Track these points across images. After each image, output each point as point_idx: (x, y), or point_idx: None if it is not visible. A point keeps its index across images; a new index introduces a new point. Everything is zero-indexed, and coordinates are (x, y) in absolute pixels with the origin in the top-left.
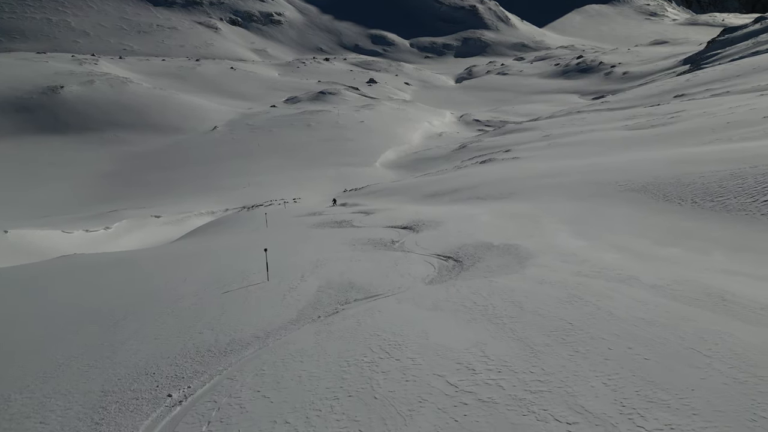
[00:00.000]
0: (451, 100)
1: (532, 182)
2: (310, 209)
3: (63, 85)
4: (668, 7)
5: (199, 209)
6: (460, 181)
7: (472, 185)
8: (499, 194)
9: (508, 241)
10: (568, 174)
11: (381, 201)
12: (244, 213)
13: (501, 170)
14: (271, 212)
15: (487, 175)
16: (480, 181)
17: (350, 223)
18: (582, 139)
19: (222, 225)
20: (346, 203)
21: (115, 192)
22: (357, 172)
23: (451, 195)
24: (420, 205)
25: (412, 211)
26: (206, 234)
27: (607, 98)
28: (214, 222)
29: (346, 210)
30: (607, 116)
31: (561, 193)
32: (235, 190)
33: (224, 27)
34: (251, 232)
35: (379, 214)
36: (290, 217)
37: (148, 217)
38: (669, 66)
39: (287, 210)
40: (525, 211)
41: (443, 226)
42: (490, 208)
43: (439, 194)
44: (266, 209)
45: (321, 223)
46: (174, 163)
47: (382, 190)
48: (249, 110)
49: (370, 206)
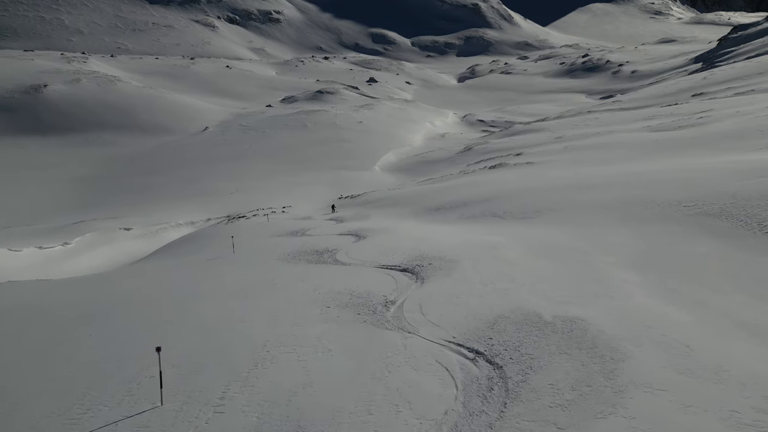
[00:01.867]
0: (453, 99)
1: (561, 196)
2: (294, 225)
3: (47, 84)
4: (673, 5)
5: (177, 219)
6: (469, 191)
7: (484, 197)
8: (521, 212)
9: (565, 308)
10: (606, 186)
11: (378, 215)
12: (221, 227)
13: (516, 178)
14: (248, 229)
15: (500, 184)
16: (494, 191)
17: (334, 255)
18: (602, 141)
19: (187, 245)
20: (337, 218)
21: (93, 198)
22: (354, 177)
23: (461, 210)
24: (423, 221)
25: (414, 235)
26: (161, 258)
27: (617, 98)
28: (185, 238)
29: (335, 229)
30: (622, 116)
31: (605, 215)
32: (222, 197)
33: (222, 25)
34: (205, 266)
35: (373, 240)
36: (267, 237)
37: (116, 230)
38: (679, 64)
39: (269, 224)
40: (565, 242)
41: (458, 269)
42: (514, 233)
43: (445, 208)
44: (245, 222)
45: (298, 252)
46: (160, 166)
47: (380, 199)
48: (243, 110)
49: (363, 224)
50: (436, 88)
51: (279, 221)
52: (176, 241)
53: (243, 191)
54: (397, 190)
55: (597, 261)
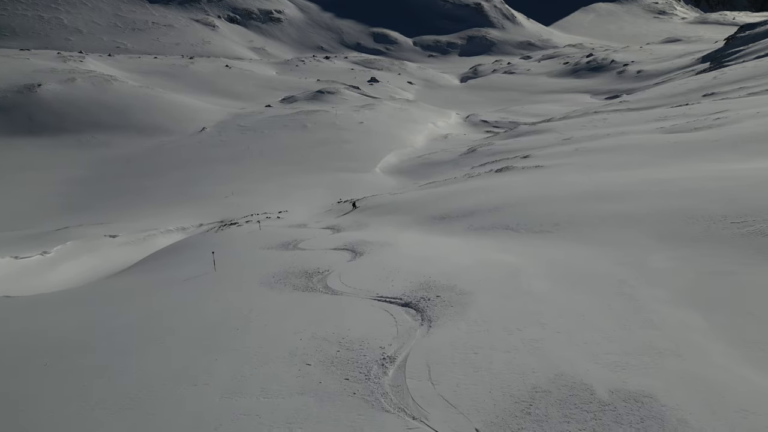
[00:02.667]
0: (456, 99)
1: (580, 206)
2: (286, 236)
3: (41, 83)
4: (677, 5)
5: (167, 225)
6: (476, 197)
7: (493, 205)
8: (537, 224)
9: (623, 375)
10: (631, 196)
11: (377, 223)
12: (210, 236)
13: (526, 184)
14: (237, 239)
15: (510, 190)
16: (503, 199)
17: (324, 278)
18: (614, 143)
19: (170, 256)
20: (333, 226)
21: (83, 201)
22: (354, 179)
23: (468, 220)
24: (427, 232)
25: (417, 252)
26: (136, 273)
27: (624, 98)
28: (170, 249)
29: (330, 241)
30: (631, 117)
31: (637, 231)
32: (216, 200)
33: (222, 25)
34: (177, 288)
35: (371, 258)
36: (255, 249)
37: (101, 238)
38: (686, 64)
39: (260, 233)
40: (599, 269)
41: (473, 305)
42: (532, 252)
43: (450, 217)
44: (236, 231)
45: (284, 273)
46: (154, 168)
47: (381, 205)
48: (242, 110)
49: (361, 235)
50: (439, 88)
51: (272, 229)
52: (161, 251)
53: (239, 194)
54: (398, 195)
55: (643, 295)
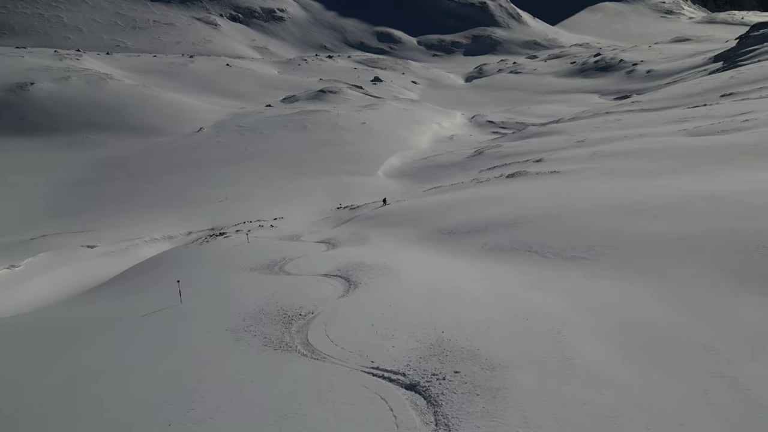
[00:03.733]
0: (461, 99)
1: (615, 224)
2: (274, 252)
3: (33, 82)
4: (684, 5)
5: (154, 233)
6: (488, 208)
7: (510, 219)
8: (566, 247)
9: None
10: (676, 212)
11: (378, 237)
12: (192, 251)
13: (544, 193)
14: (219, 255)
15: (526, 201)
16: (519, 211)
17: (306, 326)
18: (636, 147)
19: (140, 276)
20: (329, 240)
21: (70, 206)
22: (356, 183)
23: (481, 236)
24: (434, 251)
25: (423, 288)
26: (92, 299)
27: (636, 98)
28: (143, 266)
29: (322, 262)
30: (646, 118)
31: (704, 264)
32: (209, 205)
33: (224, 23)
34: (123, 333)
35: (367, 294)
36: (235, 272)
37: (78, 248)
38: (698, 63)
39: (248, 247)
40: (670, 325)
41: (508, 394)
42: (570, 289)
43: (461, 232)
44: (222, 243)
45: (258, 314)
46: (148, 170)
47: (382, 215)
48: (241, 110)
49: (358, 254)
50: (443, 88)
51: (261, 242)
52: (136, 267)
53: (234, 199)
54: (402, 203)
55: (748, 375)
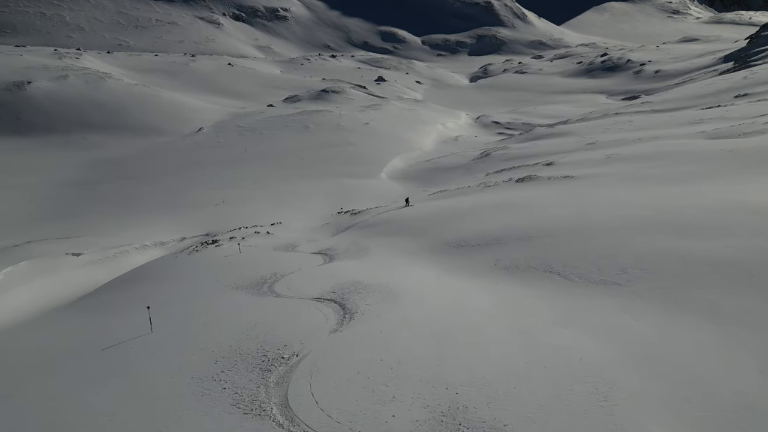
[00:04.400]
0: (465, 100)
1: (648, 243)
2: (265, 267)
3: (30, 81)
4: (691, 5)
5: (145, 239)
6: (499, 217)
7: (524, 231)
8: (594, 268)
9: None
10: (724, 232)
11: (379, 248)
12: (178, 262)
13: (559, 200)
14: (205, 269)
15: (540, 209)
16: (534, 221)
17: (288, 377)
18: (653, 150)
19: (118, 292)
20: (326, 251)
21: (61, 209)
22: (358, 185)
23: (494, 251)
24: (442, 268)
25: (431, 323)
26: (60, 318)
27: (645, 98)
28: (129, 276)
29: (316, 281)
30: (659, 119)
31: (763, 298)
32: (205, 209)
33: (227, 22)
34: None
35: (363, 331)
36: (218, 291)
37: (62, 256)
38: (707, 64)
39: (238, 258)
40: (751, 393)
41: None
42: (611, 331)
43: (469, 245)
44: (211, 253)
45: (234, 355)
46: (144, 171)
47: (385, 222)
48: (242, 110)
49: (357, 271)
50: (448, 88)
51: (254, 253)
52: (117, 280)
53: (232, 202)
54: (406, 208)
55: None
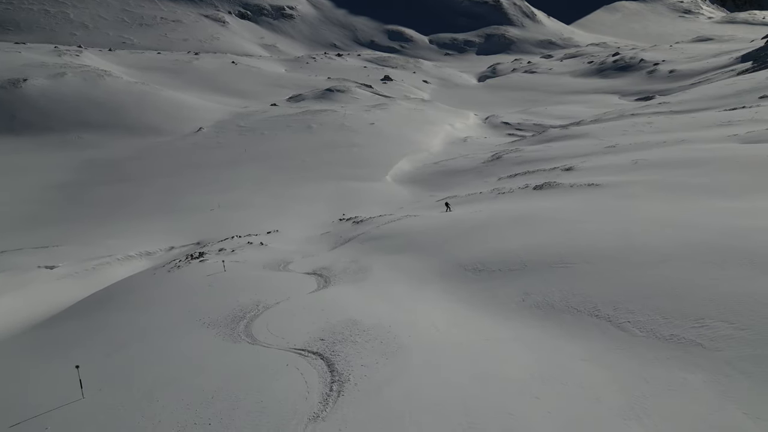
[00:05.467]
0: (474, 99)
1: (727, 279)
2: (253, 289)
3: (26, 78)
4: (703, 4)
5: (129, 249)
6: (522, 235)
7: (555, 254)
8: (661, 319)
9: None
10: None
11: (382, 269)
12: (161, 276)
13: (590, 216)
14: (178, 292)
15: (569, 226)
16: (564, 240)
17: None
18: (682, 156)
19: (79, 319)
20: (322, 271)
21: (51, 213)
22: (362, 189)
23: (520, 280)
24: (456, 299)
25: (452, 415)
26: None
27: (661, 99)
28: (94, 299)
29: (304, 313)
30: (682, 121)
31: None
32: (200, 214)
33: (232, 20)
34: None
35: (357, 412)
36: (190, 325)
37: (34, 269)
38: (724, 63)
39: (221, 278)
40: None
41: None
42: None
43: (488, 270)
44: (193, 270)
45: None
46: (140, 172)
47: (390, 235)
48: (244, 109)
49: (352, 305)
50: (455, 88)
51: (238, 274)
52: (75, 306)
53: (227, 207)
54: (413, 219)
55: None
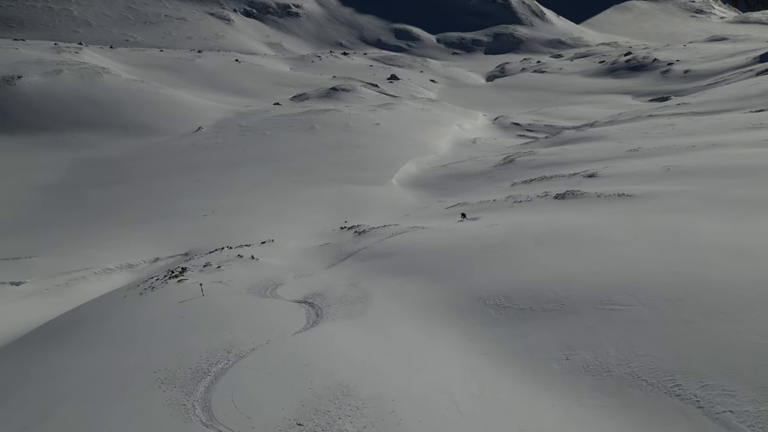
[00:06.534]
0: (482, 99)
1: None
2: (227, 326)
3: (21, 75)
4: (715, 4)
5: (109, 261)
6: (552, 260)
7: (596, 291)
8: None
9: None
10: None
11: (382, 299)
12: (130, 301)
13: (632, 236)
14: (142, 327)
15: (607, 248)
16: (603, 267)
17: None
18: (724, 163)
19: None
20: (314, 299)
21: (34, 217)
22: (366, 193)
23: (557, 328)
24: (476, 352)
25: None
26: None
27: (679, 100)
28: (28, 338)
29: (278, 379)
30: (707, 123)
31: None
32: (192, 221)
33: (237, 19)
34: None
35: None
36: (137, 383)
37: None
38: (742, 63)
39: (194, 308)
40: None
41: None
42: None
43: (515, 307)
44: (168, 294)
45: None
46: (134, 174)
47: (392, 253)
48: (246, 108)
49: (344, 365)
50: (463, 87)
51: (217, 300)
52: (18, 342)
53: (221, 213)
54: (421, 232)
55: None
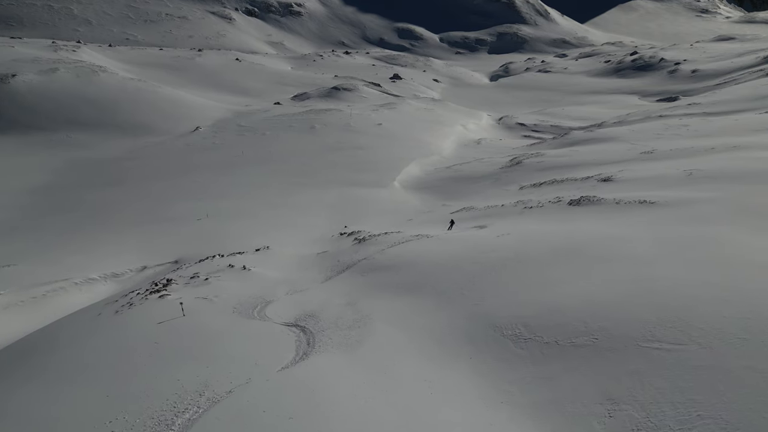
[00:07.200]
0: (486, 99)
1: None
2: (207, 358)
3: (15, 74)
4: (720, 4)
5: (92, 271)
6: (575, 281)
7: (635, 322)
8: None
9: None
10: None
11: (382, 323)
12: (104, 321)
13: (666, 252)
14: (120, 347)
15: (640, 268)
16: (637, 291)
17: None
18: (751, 167)
19: None
20: (305, 321)
21: (20, 220)
22: (367, 196)
23: (591, 372)
24: (495, 397)
25: None
26: None
27: (689, 100)
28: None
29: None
30: (721, 124)
31: None
32: (184, 225)
33: (239, 17)
34: None
35: None
36: None
37: None
38: (751, 63)
39: (171, 333)
40: None
41: None
42: None
43: (537, 341)
44: (148, 313)
45: None
46: (127, 175)
47: (394, 266)
48: (246, 107)
49: (331, 409)
50: (467, 87)
51: (197, 321)
52: None
53: (216, 217)
54: (425, 242)
55: None
